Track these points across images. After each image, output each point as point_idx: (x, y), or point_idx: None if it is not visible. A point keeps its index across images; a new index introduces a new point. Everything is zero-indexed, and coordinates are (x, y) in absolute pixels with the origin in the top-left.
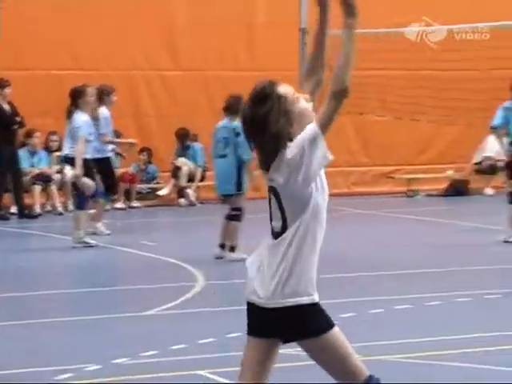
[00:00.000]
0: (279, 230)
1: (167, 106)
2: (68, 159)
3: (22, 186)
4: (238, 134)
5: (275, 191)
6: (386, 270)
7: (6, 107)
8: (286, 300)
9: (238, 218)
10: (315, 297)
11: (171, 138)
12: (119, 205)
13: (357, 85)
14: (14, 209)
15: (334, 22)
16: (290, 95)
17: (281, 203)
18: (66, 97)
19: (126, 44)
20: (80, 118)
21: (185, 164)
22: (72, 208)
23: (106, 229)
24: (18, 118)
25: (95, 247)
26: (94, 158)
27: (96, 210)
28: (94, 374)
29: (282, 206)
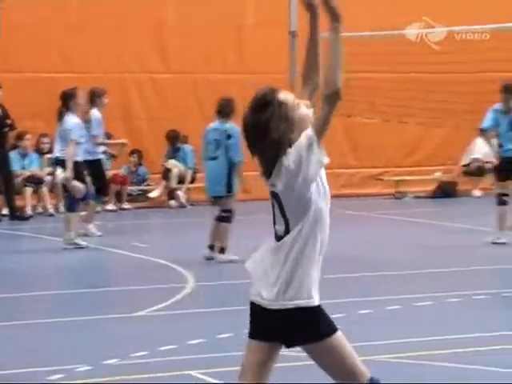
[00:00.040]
0: (282, 233)
1: (157, 108)
2: (59, 161)
3: (13, 188)
4: (230, 136)
5: (277, 196)
6: (375, 271)
7: None
8: (288, 302)
9: (228, 220)
10: (317, 300)
11: (161, 140)
12: (110, 207)
13: (345, 87)
14: (5, 211)
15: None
16: (290, 101)
17: (283, 208)
18: (56, 99)
19: (116, 47)
20: (71, 120)
21: (175, 166)
22: (63, 210)
23: (97, 230)
24: (9, 121)
25: (86, 248)
26: (85, 160)
27: (87, 211)
28: (85, 375)
29: (283, 211)
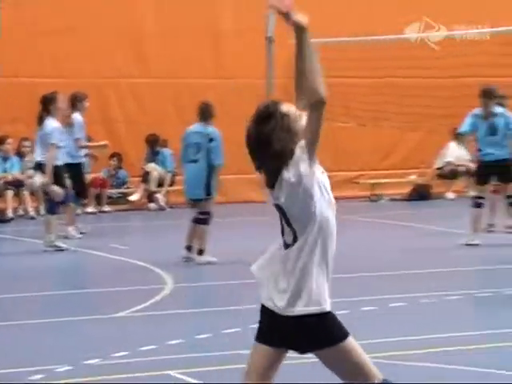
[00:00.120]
0: (291, 242)
1: (137, 112)
2: (40, 166)
3: None
4: (212, 139)
5: (281, 209)
6: (350, 273)
7: None
8: (300, 309)
9: (205, 222)
10: (327, 307)
11: (141, 143)
12: (90, 209)
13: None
14: None
15: (319, 29)
16: (292, 113)
17: (288, 219)
18: (37, 103)
19: (96, 52)
20: (51, 124)
21: (154, 169)
22: (44, 212)
23: (76, 233)
24: None
25: (66, 251)
26: (65, 163)
27: (67, 214)
28: (66, 375)
29: (289, 222)
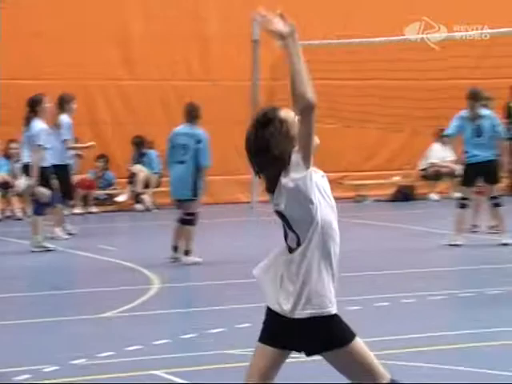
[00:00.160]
0: (294, 246)
1: (123, 114)
2: (27, 167)
3: None
4: (200, 141)
5: (281, 215)
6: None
7: None
8: (306, 312)
9: (191, 223)
10: (333, 309)
11: (127, 145)
12: (77, 210)
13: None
14: None
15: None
16: (290, 119)
17: (290, 224)
18: (24, 105)
19: (83, 55)
20: (37, 125)
21: (141, 171)
22: (30, 214)
23: (64, 233)
24: None
25: (53, 251)
26: (52, 164)
27: (55, 215)
28: (52, 375)
29: (291, 227)
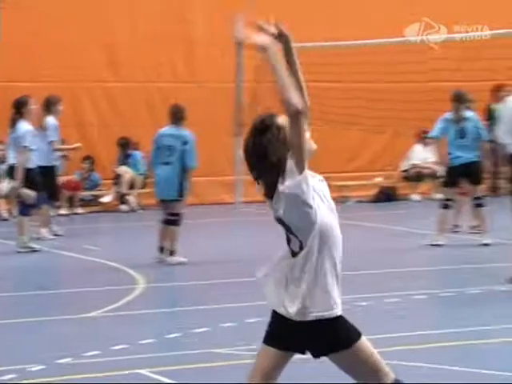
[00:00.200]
0: (297, 249)
1: (109, 116)
2: (13, 169)
3: None
4: (186, 142)
5: (281, 221)
6: None
7: None
8: (312, 315)
9: (176, 223)
10: (338, 310)
11: (113, 146)
12: (63, 211)
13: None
14: None
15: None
16: (288, 126)
17: (291, 230)
18: (10, 107)
19: (69, 57)
20: (23, 127)
21: (126, 172)
22: (16, 214)
23: (49, 234)
24: None
25: (39, 252)
26: (38, 165)
27: (41, 216)
28: (37, 374)
29: (292, 232)
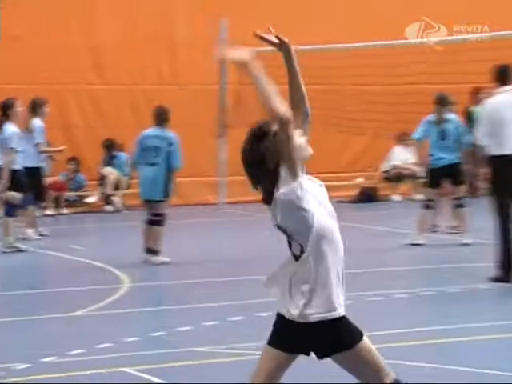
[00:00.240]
0: (298, 253)
1: (94, 118)
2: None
3: None
4: (171, 143)
5: (279, 227)
6: None
7: None
8: (315, 317)
9: (160, 223)
10: (341, 311)
11: (98, 148)
12: (49, 212)
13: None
14: None
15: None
16: None
17: (290, 235)
18: None
19: (55, 60)
20: (10, 129)
21: (111, 173)
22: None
23: (35, 234)
24: None
25: (25, 252)
26: (25, 167)
27: (27, 217)
28: (23, 373)
29: (292, 237)
